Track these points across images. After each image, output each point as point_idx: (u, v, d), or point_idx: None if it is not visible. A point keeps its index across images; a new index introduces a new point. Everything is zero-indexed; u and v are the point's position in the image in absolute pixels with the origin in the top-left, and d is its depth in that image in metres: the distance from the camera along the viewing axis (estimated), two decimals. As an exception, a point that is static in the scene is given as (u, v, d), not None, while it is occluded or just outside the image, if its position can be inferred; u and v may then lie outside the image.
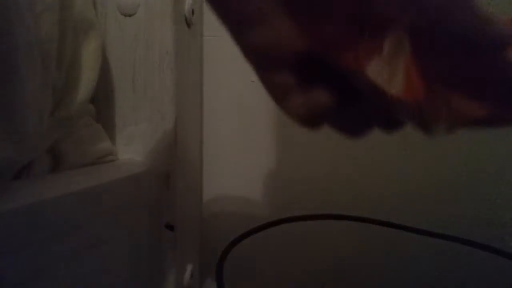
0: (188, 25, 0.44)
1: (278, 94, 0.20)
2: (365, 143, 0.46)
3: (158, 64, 0.40)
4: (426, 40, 0.16)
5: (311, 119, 0.20)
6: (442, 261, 0.44)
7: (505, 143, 0.42)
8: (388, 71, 0.16)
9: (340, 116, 0.21)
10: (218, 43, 0.49)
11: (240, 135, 0.50)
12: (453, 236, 0.37)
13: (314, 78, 0.19)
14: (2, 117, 0.27)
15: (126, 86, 0.42)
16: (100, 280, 0.36)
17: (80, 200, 0.33)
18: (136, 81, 0.41)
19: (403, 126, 0.21)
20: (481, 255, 0.39)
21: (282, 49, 0.17)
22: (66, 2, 0.34)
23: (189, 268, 0.48)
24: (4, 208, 0.26)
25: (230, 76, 0.49)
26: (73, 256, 0.32)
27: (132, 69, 0.41)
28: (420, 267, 0.45)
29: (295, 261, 0.51)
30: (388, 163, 0.45)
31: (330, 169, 0.47)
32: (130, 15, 0.40)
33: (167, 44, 0.40)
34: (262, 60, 0.19)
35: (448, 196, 0.44)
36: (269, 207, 0.50)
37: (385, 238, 0.45)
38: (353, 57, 0.16)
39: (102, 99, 0.43)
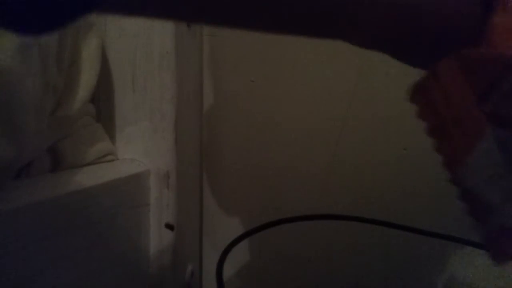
0: (188, 25, 0.44)
1: None
2: (365, 143, 0.45)
3: (158, 64, 0.40)
4: None
5: None
6: (442, 261, 0.44)
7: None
8: None
9: None
10: (218, 43, 0.49)
11: (240, 135, 0.50)
12: (453, 236, 0.37)
13: None
14: (2, 117, 0.27)
15: (126, 86, 0.42)
16: (100, 280, 0.36)
17: (80, 200, 0.33)
18: (136, 81, 0.41)
19: None
20: (482, 255, 0.39)
21: None
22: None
23: (189, 267, 0.48)
24: (4, 207, 0.26)
25: (230, 76, 0.49)
26: (73, 256, 0.32)
27: (132, 69, 0.41)
28: (420, 267, 0.45)
29: (295, 261, 0.51)
30: (388, 163, 0.45)
31: (330, 168, 0.47)
32: (130, 15, 0.40)
33: (167, 44, 0.40)
34: None
35: (449, 196, 0.44)
36: (269, 207, 0.50)
37: (385, 238, 0.45)
38: None
39: (102, 99, 0.43)
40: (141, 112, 0.41)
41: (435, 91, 0.17)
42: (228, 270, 0.53)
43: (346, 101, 0.45)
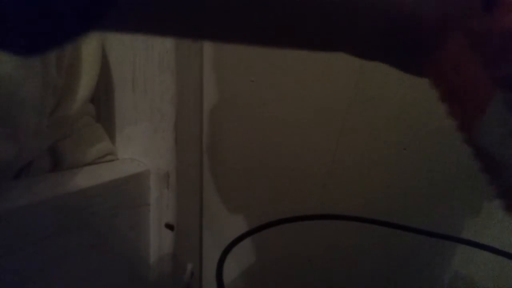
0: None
1: None
2: (365, 143, 0.45)
3: (158, 64, 0.40)
4: None
5: None
6: (442, 261, 0.44)
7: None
8: None
9: None
10: (218, 43, 0.49)
11: (240, 135, 0.50)
12: (453, 236, 0.37)
13: None
14: (2, 117, 0.27)
15: (126, 86, 0.42)
16: (100, 280, 0.36)
17: (80, 200, 0.33)
18: (136, 81, 0.41)
19: None
20: (482, 255, 0.39)
21: None
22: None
23: (189, 267, 0.48)
24: (4, 207, 0.26)
25: (230, 76, 0.49)
26: (73, 256, 0.32)
27: (132, 69, 0.41)
28: (420, 267, 0.45)
29: (295, 261, 0.51)
30: (388, 163, 0.45)
31: (330, 168, 0.47)
32: (130, 15, 0.40)
33: (167, 44, 0.40)
34: None
35: (449, 196, 0.44)
36: (269, 207, 0.50)
37: (385, 238, 0.45)
38: None
39: (102, 99, 0.43)
40: (141, 112, 0.41)
41: (445, 63, 0.19)
42: (228, 270, 0.52)
43: (346, 101, 0.45)
